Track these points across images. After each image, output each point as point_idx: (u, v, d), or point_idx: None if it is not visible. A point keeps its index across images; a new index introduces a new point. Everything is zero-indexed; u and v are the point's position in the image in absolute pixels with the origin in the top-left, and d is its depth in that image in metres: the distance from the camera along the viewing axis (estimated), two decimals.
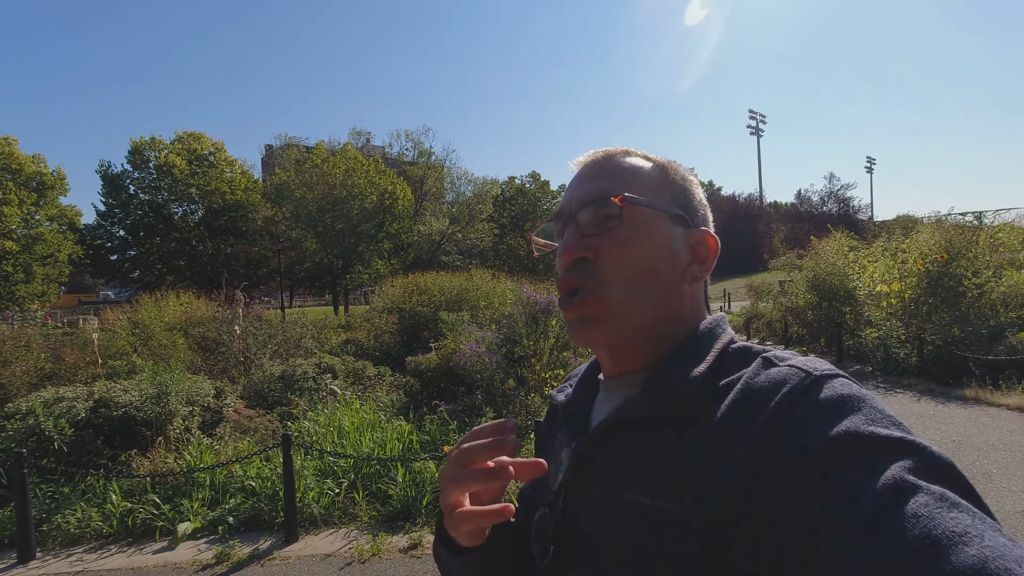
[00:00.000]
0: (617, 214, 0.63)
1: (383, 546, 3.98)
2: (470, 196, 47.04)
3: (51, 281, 29.04)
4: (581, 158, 0.72)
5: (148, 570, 3.81)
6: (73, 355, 7.41)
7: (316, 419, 5.76)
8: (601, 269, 0.63)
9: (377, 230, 34.01)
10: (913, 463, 0.43)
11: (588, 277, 0.64)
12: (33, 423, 4.71)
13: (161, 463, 4.83)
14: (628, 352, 0.65)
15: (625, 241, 0.63)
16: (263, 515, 4.37)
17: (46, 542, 4.16)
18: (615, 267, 0.63)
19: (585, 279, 0.64)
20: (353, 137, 45.35)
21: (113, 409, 5.02)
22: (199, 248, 34.14)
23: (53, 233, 28.88)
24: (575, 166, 0.72)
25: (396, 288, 11.94)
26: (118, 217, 33.21)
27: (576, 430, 0.69)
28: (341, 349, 9.57)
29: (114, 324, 9.38)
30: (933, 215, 16.49)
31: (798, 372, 0.54)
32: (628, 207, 0.63)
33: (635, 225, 0.64)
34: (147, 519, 4.32)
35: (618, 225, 0.63)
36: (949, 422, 6.43)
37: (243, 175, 36.22)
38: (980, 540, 0.37)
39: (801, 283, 12.11)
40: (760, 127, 63.60)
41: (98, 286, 56.02)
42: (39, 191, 28.21)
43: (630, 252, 0.63)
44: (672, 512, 0.52)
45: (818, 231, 16.32)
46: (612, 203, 0.63)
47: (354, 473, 4.79)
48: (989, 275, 9.50)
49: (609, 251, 0.63)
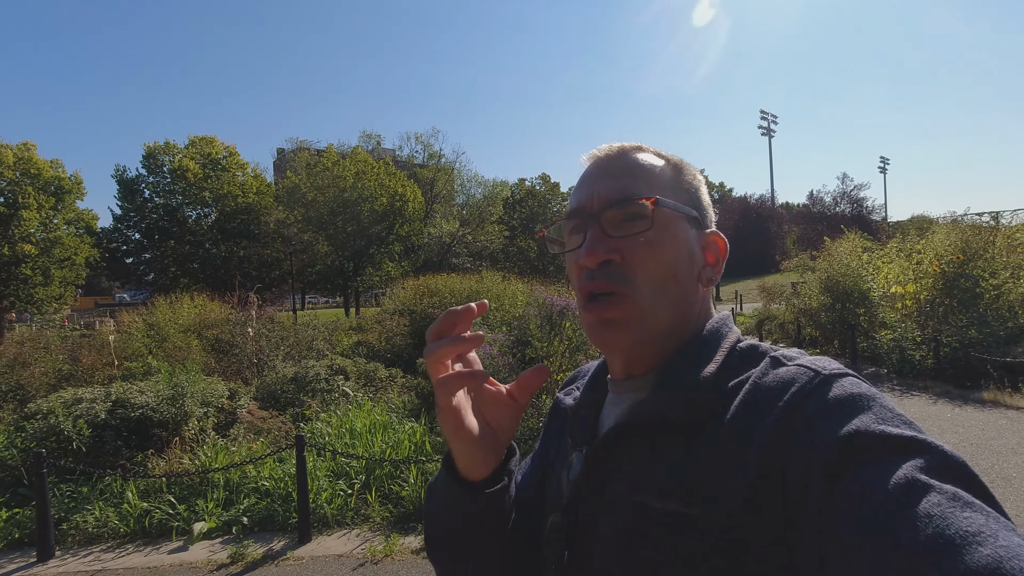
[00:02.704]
0: (649, 216, 0.62)
1: (396, 547, 4.00)
2: (480, 198, 47.09)
3: (68, 284, 29.47)
4: (594, 152, 0.70)
5: (164, 569, 3.85)
6: (90, 357, 7.53)
7: (328, 420, 5.80)
8: (629, 272, 0.62)
9: (388, 232, 34.18)
10: (925, 462, 0.43)
11: (618, 280, 0.62)
12: (53, 423, 4.79)
13: (177, 463, 4.89)
14: (643, 355, 0.65)
15: (654, 244, 0.62)
16: (277, 515, 4.41)
17: (65, 541, 4.23)
18: (642, 270, 0.62)
19: (614, 283, 0.62)
20: (363, 140, 45.61)
21: (130, 410, 5.09)
22: (212, 251, 34.52)
23: (70, 237, 29.31)
24: (587, 160, 0.70)
25: (407, 290, 11.98)
26: (133, 220, 33.71)
27: (586, 434, 0.69)
28: (353, 351, 9.63)
29: (130, 326, 9.53)
30: (949, 215, 16.25)
31: (807, 371, 0.53)
32: (658, 209, 0.62)
33: (661, 228, 0.63)
34: (163, 519, 4.37)
35: (648, 228, 0.62)
36: (967, 425, 6.32)
37: (255, 178, 36.58)
38: (994, 540, 0.37)
39: (814, 284, 11.97)
40: (771, 128, 63.04)
41: (114, 289, 56.77)
42: (57, 195, 28.65)
43: (658, 255, 0.62)
44: (684, 515, 0.52)
45: (831, 232, 16.14)
46: (642, 205, 0.62)
47: (366, 474, 4.81)
48: (1007, 276, 9.34)
49: (636, 254, 0.62)
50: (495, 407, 0.65)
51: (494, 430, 0.65)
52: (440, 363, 0.59)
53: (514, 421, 0.65)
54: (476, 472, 0.64)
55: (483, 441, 0.63)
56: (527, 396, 0.65)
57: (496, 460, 0.65)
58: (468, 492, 0.64)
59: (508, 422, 0.65)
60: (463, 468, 0.64)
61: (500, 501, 0.65)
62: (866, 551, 0.40)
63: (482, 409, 0.64)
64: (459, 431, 0.61)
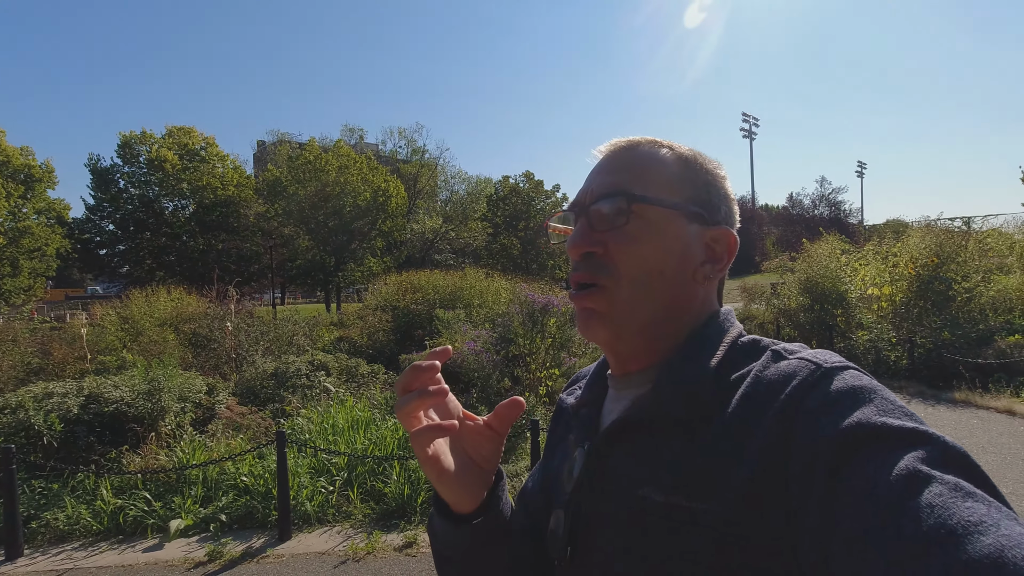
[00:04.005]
0: (625, 210, 0.63)
1: (378, 544, 3.97)
2: (464, 195, 46.98)
3: (38, 275, 28.63)
4: (603, 146, 0.70)
5: (139, 568, 3.77)
6: (61, 350, 7.33)
7: (310, 417, 5.74)
8: (610, 265, 0.63)
9: (370, 228, 33.88)
10: (926, 453, 0.43)
11: (600, 272, 0.63)
12: (23, 418, 4.65)
13: (153, 460, 4.79)
14: (630, 351, 0.65)
15: (633, 239, 0.62)
16: (256, 513, 4.35)
17: (34, 539, 4.12)
18: (623, 264, 0.62)
19: (597, 275, 0.63)
20: (346, 134, 45.23)
21: (104, 405, 4.97)
22: (190, 243, 33.83)
23: (41, 227, 28.45)
24: (597, 154, 0.70)
25: (390, 286, 11.90)
26: (107, 211, 32.83)
27: (587, 430, 0.69)
28: (334, 347, 9.53)
29: (103, 319, 9.29)
30: (923, 220, 16.67)
31: (808, 364, 0.54)
32: (637, 205, 0.63)
33: (645, 223, 0.63)
34: (138, 516, 4.27)
35: (626, 223, 0.62)
36: (939, 424, 6.49)
37: (235, 170, 35.92)
38: (996, 529, 0.37)
39: (793, 285, 12.17)
40: (753, 130, 64.01)
41: (86, 281, 55.28)
42: (27, 184, 27.80)
43: (638, 250, 0.62)
44: (687, 509, 0.52)
45: (810, 234, 16.43)
46: (621, 200, 0.63)
47: (348, 471, 4.77)
48: (978, 279, 9.62)
49: (617, 248, 0.63)
50: (475, 440, 0.66)
51: (476, 462, 0.66)
52: (412, 416, 0.60)
53: (495, 451, 0.67)
54: (466, 505, 0.65)
55: (467, 476, 0.64)
56: (506, 427, 0.66)
57: (484, 489, 0.66)
58: (460, 526, 0.65)
59: (489, 452, 0.66)
60: (453, 504, 0.65)
61: (494, 526, 0.66)
62: (869, 543, 0.40)
63: (463, 443, 0.66)
64: (441, 476, 0.62)
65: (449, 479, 0.62)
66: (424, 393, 0.59)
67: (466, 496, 0.64)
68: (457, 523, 0.66)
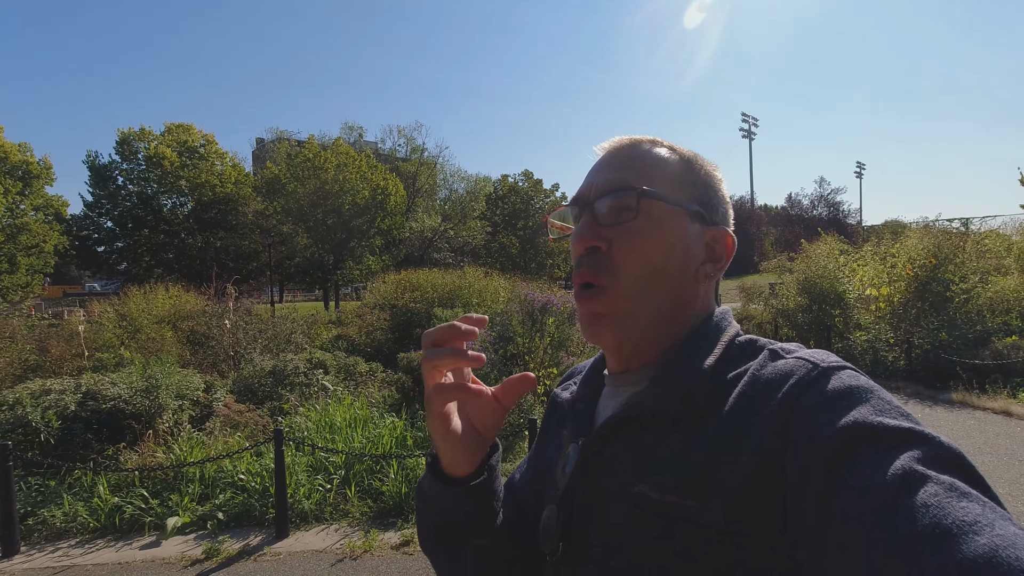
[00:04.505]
0: (633, 206, 0.62)
1: (375, 542, 3.97)
2: (463, 193, 46.91)
3: (36, 272, 28.62)
4: (605, 144, 0.70)
5: (136, 565, 3.77)
6: (59, 347, 7.32)
7: (308, 415, 5.73)
8: (614, 261, 0.63)
9: (369, 226, 33.83)
10: (922, 453, 0.43)
11: (602, 271, 0.63)
12: (20, 414, 4.64)
13: (150, 457, 4.78)
14: (634, 351, 0.65)
15: (639, 235, 0.62)
16: (253, 511, 4.34)
17: (31, 536, 4.11)
18: (627, 260, 0.62)
19: (599, 273, 0.63)
20: (345, 132, 45.06)
21: (101, 402, 4.96)
22: (188, 241, 33.78)
23: (39, 223, 28.46)
24: (599, 151, 0.71)
25: (388, 284, 11.88)
26: (105, 208, 32.75)
27: (582, 426, 0.69)
28: (332, 345, 9.53)
29: (101, 316, 9.27)
30: (921, 220, 16.71)
31: (805, 364, 0.54)
32: (645, 200, 0.62)
33: (651, 219, 0.63)
34: (135, 514, 4.27)
35: (633, 218, 0.62)
36: (936, 425, 6.50)
37: (234, 168, 35.88)
38: (991, 529, 0.37)
39: (792, 286, 12.18)
40: (752, 130, 63.94)
41: (84, 278, 55.20)
42: (25, 180, 27.79)
43: (643, 246, 0.62)
44: (682, 507, 0.52)
45: (808, 234, 16.43)
46: (629, 195, 0.62)
47: (346, 469, 4.77)
48: (976, 280, 9.63)
49: (622, 243, 0.62)
50: (480, 408, 0.66)
51: (477, 429, 0.66)
52: (438, 371, 0.61)
53: (497, 421, 0.67)
54: (460, 469, 0.66)
55: (467, 440, 0.65)
56: (511, 400, 0.66)
57: (480, 456, 0.67)
58: (452, 487, 0.66)
59: (492, 422, 0.67)
60: (448, 466, 0.66)
61: (484, 493, 0.67)
62: (865, 542, 0.40)
63: (468, 408, 0.66)
64: (447, 434, 0.64)
65: (453, 438, 0.64)
66: (461, 354, 0.60)
67: (464, 458, 0.65)
68: (450, 485, 0.66)
